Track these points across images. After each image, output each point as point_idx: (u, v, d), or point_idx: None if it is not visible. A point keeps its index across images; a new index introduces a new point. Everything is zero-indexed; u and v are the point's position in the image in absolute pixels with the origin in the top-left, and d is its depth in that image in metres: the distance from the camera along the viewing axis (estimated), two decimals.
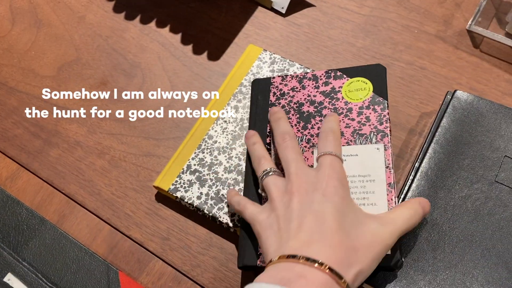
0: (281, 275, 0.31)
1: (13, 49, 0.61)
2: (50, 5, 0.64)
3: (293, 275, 0.31)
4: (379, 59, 0.56)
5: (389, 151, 0.41)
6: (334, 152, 0.39)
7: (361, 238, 0.34)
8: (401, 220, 0.37)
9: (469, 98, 0.47)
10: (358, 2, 0.60)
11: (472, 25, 0.56)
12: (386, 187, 0.40)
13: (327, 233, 0.33)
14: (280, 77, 0.49)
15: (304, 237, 0.33)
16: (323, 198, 0.35)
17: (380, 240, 0.34)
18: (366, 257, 0.33)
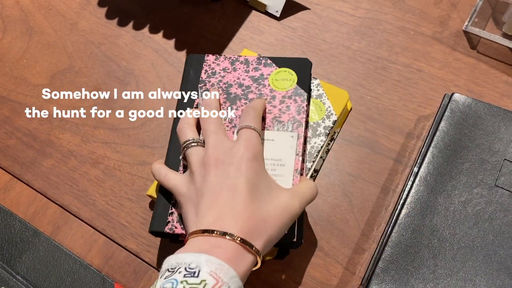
0: (198, 247, 0.34)
1: (4, 57, 0.60)
2: (42, 12, 0.64)
3: (209, 246, 0.34)
4: (375, 61, 0.56)
5: (301, 140, 0.43)
6: (253, 126, 0.40)
7: (271, 210, 0.37)
8: (309, 191, 0.40)
9: (467, 101, 0.47)
10: (353, 5, 0.60)
11: (468, 26, 0.56)
12: (293, 172, 0.42)
13: (239, 207, 0.36)
14: (214, 56, 0.50)
15: (217, 213, 0.36)
16: (237, 172, 0.37)
17: (289, 211, 0.38)
18: (275, 226, 0.36)
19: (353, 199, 0.48)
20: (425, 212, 0.42)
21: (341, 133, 0.52)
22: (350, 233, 0.47)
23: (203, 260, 0.32)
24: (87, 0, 0.64)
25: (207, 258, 0.32)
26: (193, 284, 0.31)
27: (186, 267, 0.32)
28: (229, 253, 0.33)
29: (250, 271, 0.35)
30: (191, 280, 0.31)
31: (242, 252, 0.34)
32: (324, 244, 0.47)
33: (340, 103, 0.49)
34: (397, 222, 0.42)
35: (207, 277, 0.31)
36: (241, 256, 0.34)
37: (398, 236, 0.41)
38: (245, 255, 0.34)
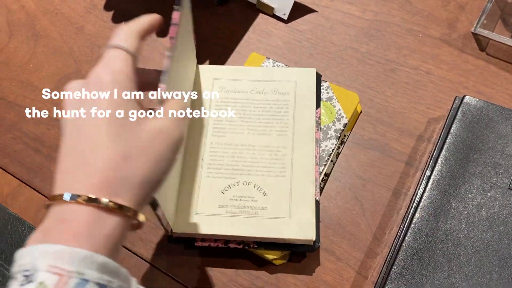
0: (43, 225, 0.27)
1: (11, 62, 0.60)
2: (48, 17, 0.63)
3: (51, 223, 0.26)
4: (384, 64, 0.55)
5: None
6: (121, 44, 0.31)
7: (136, 142, 0.28)
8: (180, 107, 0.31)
9: (478, 103, 0.46)
10: (360, 7, 0.60)
11: (477, 28, 0.56)
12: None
13: (88, 154, 0.27)
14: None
15: (64, 167, 0.28)
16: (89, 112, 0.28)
17: (163, 136, 0.29)
18: (144, 162, 0.28)
19: (364, 203, 0.48)
20: (438, 216, 0.42)
21: (351, 136, 0.51)
22: (362, 237, 0.47)
23: (38, 255, 0.25)
24: (92, 4, 0.64)
25: (42, 249, 0.25)
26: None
27: (22, 272, 0.25)
28: (75, 227, 0.26)
29: (121, 234, 0.27)
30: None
31: (97, 216, 0.26)
32: (335, 248, 0.46)
33: (351, 106, 0.49)
34: (410, 226, 0.41)
35: (44, 277, 0.24)
36: (96, 221, 0.26)
37: (412, 240, 0.41)
38: (104, 218, 0.26)
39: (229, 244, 0.44)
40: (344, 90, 0.50)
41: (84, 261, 0.25)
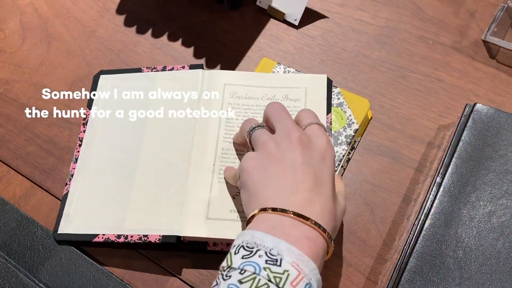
0: (286, 231, 0.33)
1: (24, 64, 0.61)
2: (61, 20, 0.64)
3: (297, 233, 0.33)
4: (395, 70, 0.56)
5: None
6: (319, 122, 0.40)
7: (339, 210, 0.38)
8: (343, 189, 0.43)
9: (489, 111, 0.46)
10: (372, 14, 0.60)
11: (487, 35, 0.56)
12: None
13: (326, 199, 0.35)
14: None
15: (303, 196, 0.34)
16: (322, 162, 0.37)
17: (344, 212, 0.39)
18: (338, 226, 0.38)
19: (374, 209, 0.48)
20: (449, 222, 0.42)
21: (362, 142, 0.52)
22: (371, 242, 0.47)
23: (284, 249, 0.31)
24: (105, 8, 0.64)
25: (288, 247, 0.31)
26: (276, 273, 0.30)
27: (266, 251, 0.31)
28: (312, 246, 0.32)
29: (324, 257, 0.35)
30: (274, 269, 0.30)
31: (323, 246, 0.33)
32: (345, 254, 0.46)
33: (361, 112, 0.50)
34: (421, 233, 0.42)
35: (289, 267, 0.30)
36: (320, 249, 0.33)
37: (422, 247, 0.41)
38: (323, 249, 0.33)
39: None
40: (355, 95, 0.51)
41: (313, 271, 0.31)
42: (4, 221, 0.49)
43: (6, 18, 0.64)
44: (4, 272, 0.45)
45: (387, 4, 0.60)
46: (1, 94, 0.59)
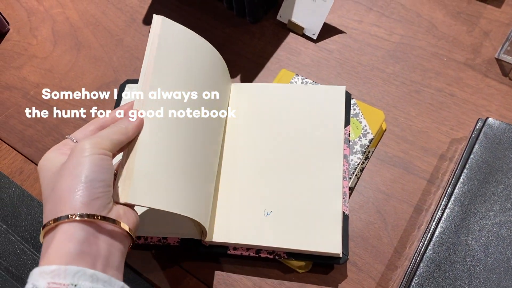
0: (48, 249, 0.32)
1: (54, 69, 0.64)
2: (90, 28, 0.67)
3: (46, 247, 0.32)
4: (409, 85, 0.57)
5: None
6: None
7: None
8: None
9: (501, 125, 0.48)
10: (387, 30, 0.62)
11: (501, 54, 0.58)
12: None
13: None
14: None
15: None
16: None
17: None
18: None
19: (386, 217, 0.50)
20: (459, 231, 0.43)
21: (376, 152, 0.53)
22: (383, 249, 0.48)
23: (37, 277, 0.30)
24: (132, 18, 0.68)
25: (40, 271, 0.30)
26: None
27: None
28: (60, 248, 0.31)
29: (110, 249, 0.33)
30: None
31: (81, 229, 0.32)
32: (357, 260, 0.48)
33: (376, 122, 0.51)
34: (432, 240, 0.43)
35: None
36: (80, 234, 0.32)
37: (433, 254, 0.42)
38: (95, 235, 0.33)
39: (260, 253, 0.46)
40: (370, 107, 0.53)
41: (77, 274, 0.30)
42: (31, 215, 0.51)
43: (39, 26, 0.68)
44: (31, 263, 0.48)
45: (402, 21, 0.63)
46: (32, 96, 0.62)
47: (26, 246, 0.49)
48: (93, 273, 0.31)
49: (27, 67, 0.64)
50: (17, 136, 0.59)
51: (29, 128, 0.59)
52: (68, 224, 0.32)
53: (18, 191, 0.53)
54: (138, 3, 0.69)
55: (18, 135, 0.59)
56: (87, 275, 0.31)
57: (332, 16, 0.64)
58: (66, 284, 0.30)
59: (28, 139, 0.58)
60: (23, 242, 0.50)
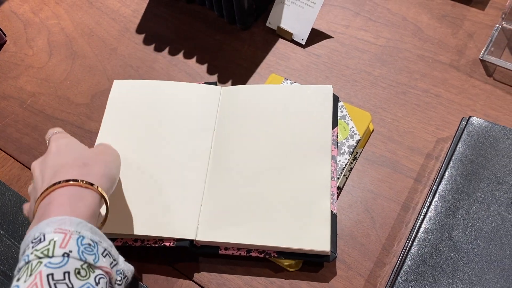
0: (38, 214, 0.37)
1: (50, 78, 0.65)
2: (85, 38, 0.69)
3: (44, 208, 0.37)
4: (395, 86, 0.59)
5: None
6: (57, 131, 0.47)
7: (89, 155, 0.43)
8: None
9: (483, 124, 0.49)
10: (374, 34, 0.64)
11: (485, 55, 0.59)
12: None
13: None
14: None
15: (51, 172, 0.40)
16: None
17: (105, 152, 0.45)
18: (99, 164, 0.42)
19: (374, 216, 0.51)
20: (444, 227, 0.44)
21: (364, 153, 0.55)
22: (371, 247, 0.49)
23: (43, 225, 0.34)
24: (125, 28, 0.69)
25: (47, 222, 0.34)
26: (43, 248, 0.33)
27: (32, 240, 0.34)
28: (62, 204, 0.36)
29: (97, 207, 0.39)
30: (40, 246, 0.33)
31: (77, 192, 0.37)
32: (346, 257, 0.49)
33: (363, 124, 0.53)
34: (417, 236, 0.44)
35: (53, 236, 0.33)
36: (77, 196, 0.37)
37: (418, 249, 0.43)
38: (82, 195, 0.37)
39: (251, 252, 0.47)
40: (357, 109, 0.54)
41: (79, 224, 0.35)
42: (28, 221, 0.53)
43: (35, 37, 0.70)
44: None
45: (389, 25, 0.64)
46: (28, 105, 0.63)
47: None
48: (91, 226, 0.35)
49: (23, 77, 0.66)
50: (14, 144, 0.60)
51: (26, 136, 0.61)
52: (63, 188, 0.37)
53: (16, 197, 0.55)
54: (131, 13, 0.71)
55: (15, 143, 0.60)
56: (88, 226, 0.35)
57: (320, 22, 0.66)
58: (71, 231, 0.34)
59: (25, 147, 0.60)
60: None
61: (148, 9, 0.71)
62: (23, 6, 0.74)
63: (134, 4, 0.72)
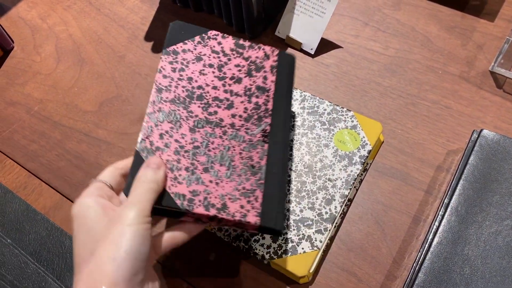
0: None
1: (58, 85, 0.65)
2: (93, 45, 0.69)
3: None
4: (405, 97, 0.59)
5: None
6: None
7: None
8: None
9: (495, 137, 0.49)
10: (383, 44, 0.64)
11: (494, 67, 0.59)
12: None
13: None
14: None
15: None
16: None
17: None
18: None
19: (385, 228, 0.50)
20: (456, 241, 0.44)
21: (374, 164, 0.54)
22: (382, 260, 0.49)
23: None
24: (134, 35, 0.69)
25: None
26: None
27: None
28: None
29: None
30: None
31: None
32: (357, 270, 0.49)
33: (374, 134, 0.52)
34: (429, 250, 0.44)
35: None
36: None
37: (430, 263, 0.43)
38: None
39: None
40: (367, 119, 0.54)
41: None
42: (35, 229, 0.52)
43: (43, 43, 0.70)
44: (35, 276, 0.48)
45: (398, 35, 0.64)
46: (36, 112, 0.63)
47: (30, 260, 0.50)
48: None
49: (31, 83, 0.66)
50: (21, 151, 0.60)
51: (32, 143, 0.60)
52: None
53: (23, 205, 0.54)
54: (139, 20, 0.71)
55: (22, 150, 0.60)
56: None
57: (329, 32, 0.66)
58: None
59: (32, 154, 0.59)
60: (27, 256, 0.50)
61: (157, 16, 0.71)
62: (31, 12, 0.74)
63: (143, 11, 0.72)
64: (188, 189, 0.40)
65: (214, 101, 0.46)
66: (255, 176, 0.43)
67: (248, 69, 0.49)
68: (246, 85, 0.48)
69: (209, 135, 0.44)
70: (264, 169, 0.43)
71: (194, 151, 0.42)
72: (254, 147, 0.44)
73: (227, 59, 0.49)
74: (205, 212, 0.39)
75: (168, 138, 0.42)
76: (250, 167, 0.43)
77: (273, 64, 0.50)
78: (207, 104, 0.45)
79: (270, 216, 0.41)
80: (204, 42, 0.49)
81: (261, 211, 0.41)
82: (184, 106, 0.44)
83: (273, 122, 0.46)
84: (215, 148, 0.43)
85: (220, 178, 0.42)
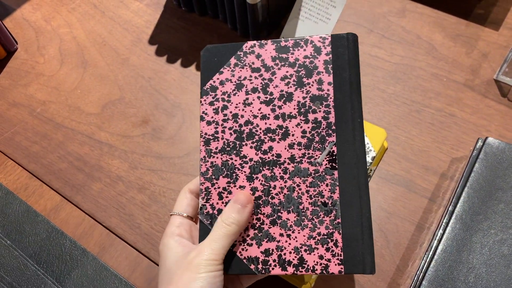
0: None
1: (61, 87, 0.65)
2: (96, 47, 0.69)
3: None
4: (409, 105, 0.59)
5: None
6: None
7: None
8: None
9: (500, 145, 0.49)
10: (388, 51, 0.64)
11: (499, 75, 0.59)
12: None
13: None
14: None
15: None
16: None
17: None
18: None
19: (388, 235, 0.50)
20: (461, 249, 0.43)
21: (377, 171, 0.54)
22: (385, 268, 0.48)
23: None
24: (138, 38, 0.69)
25: None
26: None
27: None
28: None
29: None
30: None
31: None
32: (360, 277, 0.48)
33: (378, 140, 0.52)
34: (434, 258, 0.43)
35: None
36: None
37: (435, 271, 0.43)
38: None
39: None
40: (372, 125, 0.53)
41: None
42: (35, 231, 0.52)
43: (47, 45, 0.70)
44: (34, 279, 0.48)
45: (403, 43, 0.64)
46: (38, 113, 0.63)
47: (29, 262, 0.50)
48: None
49: (34, 84, 0.66)
50: (23, 152, 0.59)
51: (34, 145, 0.60)
52: None
53: (23, 207, 0.54)
54: (144, 23, 0.71)
55: (23, 152, 0.59)
56: None
57: None
58: None
59: (34, 155, 0.59)
60: (27, 258, 0.50)
61: (161, 20, 0.71)
62: (35, 13, 0.74)
63: (147, 15, 0.72)
64: (260, 250, 0.37)
65: (266, 134, 0.39)
66: (329, 216, 0.37)
67: (298, 78, 0.40)
68: (298, 100, 0.39)
69: (269, 179, 0.38)
70: (338, 204, 0.37)
71: (257, 203, 0.38)
72: (322, 179, 0.38)
73: (271, 74, 0.40)
74: (282, 272, 0.36)
75: (227, 196, 0.38)
76: (321, 206, 0.37)
77: (326, 59, 0.40)
78: (260, 140, 0.39)
79: (355, 260, 0.35)
80: (241, 62, 0.41)
81: (343, 258, 0.36)
82: (236, 152, 0.39)
83: (339, 138, 0.38)
84: (278, 193, 0.38)
85: (291, 229, 0.37)
